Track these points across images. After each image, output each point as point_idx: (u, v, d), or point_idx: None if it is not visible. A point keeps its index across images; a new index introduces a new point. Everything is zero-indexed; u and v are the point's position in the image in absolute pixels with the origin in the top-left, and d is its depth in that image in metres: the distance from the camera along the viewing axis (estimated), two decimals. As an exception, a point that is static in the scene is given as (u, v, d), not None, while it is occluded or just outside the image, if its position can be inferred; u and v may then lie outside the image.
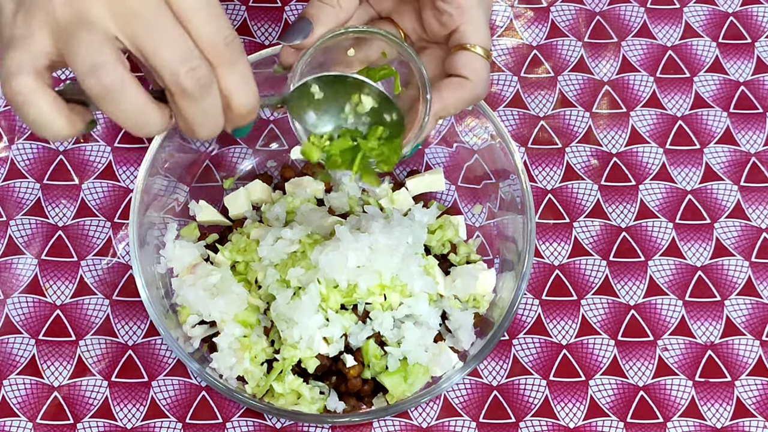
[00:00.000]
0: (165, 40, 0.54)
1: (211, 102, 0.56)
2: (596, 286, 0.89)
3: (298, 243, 0.82)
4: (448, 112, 0.70)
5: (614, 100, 0.96)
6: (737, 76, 0.97)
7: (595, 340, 0.88)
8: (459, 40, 0.69)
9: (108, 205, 0.91)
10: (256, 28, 0.97)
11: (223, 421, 0.85)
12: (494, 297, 0.85)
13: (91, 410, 0.85)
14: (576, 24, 0.98)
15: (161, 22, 0.54)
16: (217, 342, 0.82)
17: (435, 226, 0.87)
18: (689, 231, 0.91)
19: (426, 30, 0.72)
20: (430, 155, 0.92)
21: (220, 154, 0.91)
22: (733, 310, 0.89)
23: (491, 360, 0.87)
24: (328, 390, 0.82)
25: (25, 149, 0.92)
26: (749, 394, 0.87)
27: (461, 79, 0.69)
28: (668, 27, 0.99)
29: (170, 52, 0.54)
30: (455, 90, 0.70)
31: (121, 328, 0.87)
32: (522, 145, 0.94)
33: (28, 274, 0.88)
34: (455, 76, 0.70)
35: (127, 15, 0.53)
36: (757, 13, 1.00)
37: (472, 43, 0.69)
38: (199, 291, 0.82)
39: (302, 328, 0.79)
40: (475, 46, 0.69)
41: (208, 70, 0.55)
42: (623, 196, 0.92)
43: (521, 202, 0.83)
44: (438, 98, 0.69)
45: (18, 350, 0.86)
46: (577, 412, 0.86)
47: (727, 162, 0.94)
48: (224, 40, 0.55)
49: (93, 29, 0.53)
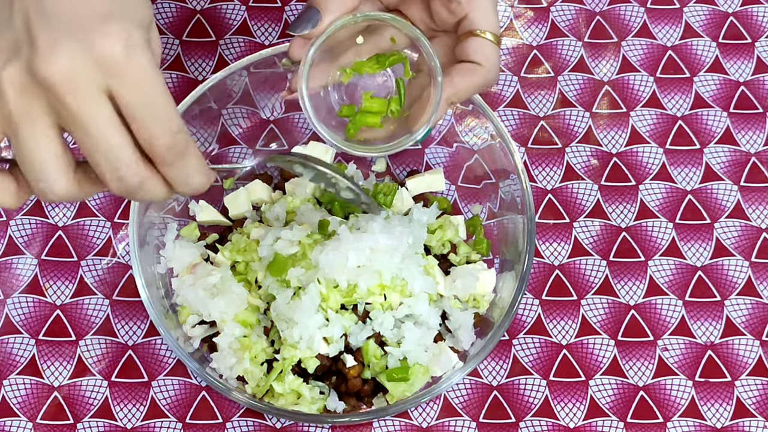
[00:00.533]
0: (96, 147, 0.54)
1: (146, 194, 0.57)
2: (596, 286, 0.89)
3: (298, 244, 0.82)
4: (459, 97, 0.70)
5: (614, 100, 0.96)
6: (737, 76, 0.97)
7: (595, 340, 0.88)
8: (468, 27, 0.69)
9: (108, 205, 0.91)
10: (256, 28, 0.97)
11: (223, 421, 0.85)
12: (494, 297, 0.85)
13: (91, 410, 0.85)
14: (576, 24, 0.98)
15: (94, 126, 0.53)
16: (217, 342, 0.82)
17: (435, 226, 0.87)
18: (689, 231, 0.91)
19: (434, 19, 0.72)
20: (430, 155, 0.92)
21: (220, 154, 0.91)
22: (733, 310, 0.89)
23: (491, 360, 0.87)
24: (328, 390, 0.82)
25: (25, 149, 0.92)
26: (749, 394, 0.87)
27: (473, 64, 0.70)
28: (668, 27, 0.99)
29: (100, 159, 0.54)
30: (467, 75, 0.70)
31: (121, 328, 0.87)
32: (522, 145, 0.94)
33: (28, 274, 0.88)
34: (466, 62, 0.70)
35: (63, 115, 0.53)
36: (757, 13, 1.00)
37: (482, 29, 0.69)
38: (199, 291, 0.82)
39: (302, 328, 0.79)
40: (485, 32, 0.69)
41: (138, 176, 0.55)
42: (623, 196, 0.92)
43: (521, 202, 0.83)
44: (449, 83, 0.69)
45: (18, 350, 0.86)
46: (577, 412, 0.86)
47: (727, 162, 0.94)
48: (165, 145, 0.55)
49: (36, 125, 0.54)
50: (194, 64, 0.96)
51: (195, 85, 0.87)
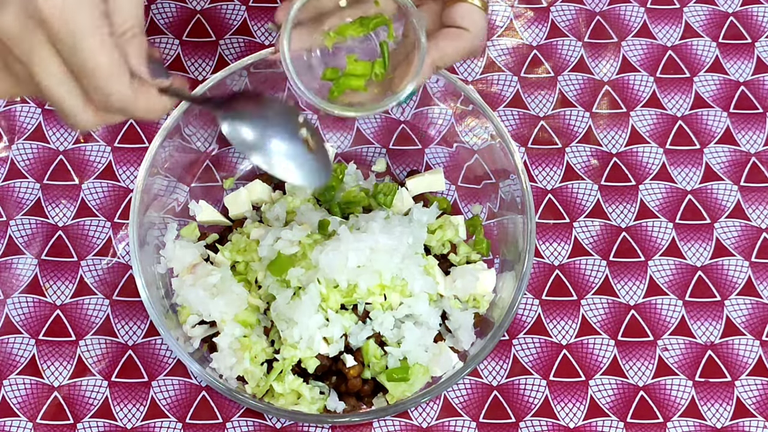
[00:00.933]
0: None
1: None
2: (596, 286, 0.89)
3: (298, 244, 0.82)
4: (445, 62, 0.70)
5: (614, 100, 0.96)
6: (737, 76, 0.97)
7: (595, 340, 0.88)
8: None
9: (108, 205, 0.91)
10: (256, 28, 0.97)
11: (223, 421, 0.85)
12: (494, 297, 0.85)
13: (91, 410, 0.85)
14: (576, 24, 0.98)
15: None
16: (217, 342, 0.82)
17: (435, 226, 0.87)
18: (689, 231, 0.91)
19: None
20: (430, 155, 0.92)
21: (220, 154, 0.91)
22: (733, 310, 0.89)
23: (491, 360, 0.87)
24: (328, 390, 0.82)
25: (25, 149, 0.92)
26: (749, 394, 0.87)
27: (459, 30, 0.70)
28: (668, 27, 0.99)
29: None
30: (453, 40, 0.70)
31: (121, 328, 0.87)
32: (522, 145, 0.94)
33: (28, 274, 0.88)
34: (453, 27, 0.70)
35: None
36: (757, 13, 1.00)
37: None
38: (199, 291, 0.82)
39: (302, 328, 0.79)
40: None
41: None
42: (623, 196, 0.92)
43: (521, 202, 0.83)
44: (435, 47, 0.69)
45: (18, 350, 0.86)
46: (577, 412, 0.86)
47: (727, 162, 0.94)
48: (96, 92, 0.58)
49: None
50: (194, 64, 0.96)
51: (195, 85, 0.87)
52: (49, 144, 0.92)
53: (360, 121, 0.93)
